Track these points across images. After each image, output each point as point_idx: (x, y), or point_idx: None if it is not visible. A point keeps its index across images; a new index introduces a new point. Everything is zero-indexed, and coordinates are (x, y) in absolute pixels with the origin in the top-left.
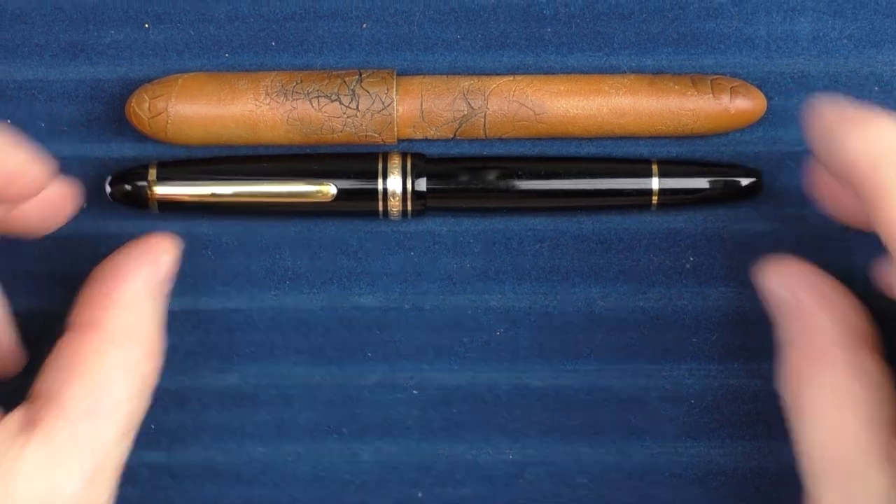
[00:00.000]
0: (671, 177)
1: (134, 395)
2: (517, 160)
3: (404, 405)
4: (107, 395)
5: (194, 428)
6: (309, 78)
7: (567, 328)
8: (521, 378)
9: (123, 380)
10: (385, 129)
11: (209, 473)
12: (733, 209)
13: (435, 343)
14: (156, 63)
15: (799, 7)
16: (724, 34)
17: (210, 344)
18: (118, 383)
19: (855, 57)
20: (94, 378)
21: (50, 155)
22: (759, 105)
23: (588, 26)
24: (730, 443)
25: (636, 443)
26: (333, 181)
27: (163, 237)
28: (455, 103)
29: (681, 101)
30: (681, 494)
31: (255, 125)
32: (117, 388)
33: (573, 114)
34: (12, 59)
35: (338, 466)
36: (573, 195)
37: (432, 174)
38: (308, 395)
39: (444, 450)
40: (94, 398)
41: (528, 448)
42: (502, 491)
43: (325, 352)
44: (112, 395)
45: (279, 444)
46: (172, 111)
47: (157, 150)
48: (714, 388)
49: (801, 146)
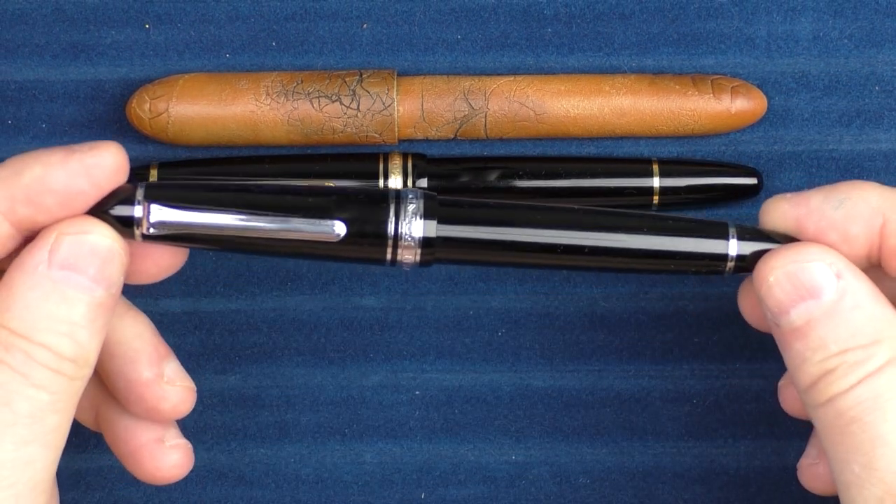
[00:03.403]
0: (672, 176)
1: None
2: (518, 160)
3: (406, 406)
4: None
5: (196, 429)
6: (309, 78)
7: (569, 329)
8: (523, 378)
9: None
10: (386, 130)
11: (212, 475)
12: (733, 209)
13: (437, 344)
14: (156, 63)
15: (799, 7)
16: (724, 34)
17: (211, 345)
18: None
19: (855, 57)
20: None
21: None
22: (760, 105)
23: (588, 26)
24: (732, 442)
25: (638, 443)
26: (334, 182)
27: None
28: (456, 103)
29: (681, 101)
30: (683, 494)
31: (255, 126)
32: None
33: (574, 114)
34: (13, 59)
35: (340, 467)
36: (574, 195)
37: (433, 174)
38: (310, 397)
39: (447, 450)
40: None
41: (530, 448)
42: (505, 491)
43: (326, 353)
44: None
45: (281, 446)
46: (173, 112)
47: (157, 151)
48: (716, 388)
49: (801, 146)
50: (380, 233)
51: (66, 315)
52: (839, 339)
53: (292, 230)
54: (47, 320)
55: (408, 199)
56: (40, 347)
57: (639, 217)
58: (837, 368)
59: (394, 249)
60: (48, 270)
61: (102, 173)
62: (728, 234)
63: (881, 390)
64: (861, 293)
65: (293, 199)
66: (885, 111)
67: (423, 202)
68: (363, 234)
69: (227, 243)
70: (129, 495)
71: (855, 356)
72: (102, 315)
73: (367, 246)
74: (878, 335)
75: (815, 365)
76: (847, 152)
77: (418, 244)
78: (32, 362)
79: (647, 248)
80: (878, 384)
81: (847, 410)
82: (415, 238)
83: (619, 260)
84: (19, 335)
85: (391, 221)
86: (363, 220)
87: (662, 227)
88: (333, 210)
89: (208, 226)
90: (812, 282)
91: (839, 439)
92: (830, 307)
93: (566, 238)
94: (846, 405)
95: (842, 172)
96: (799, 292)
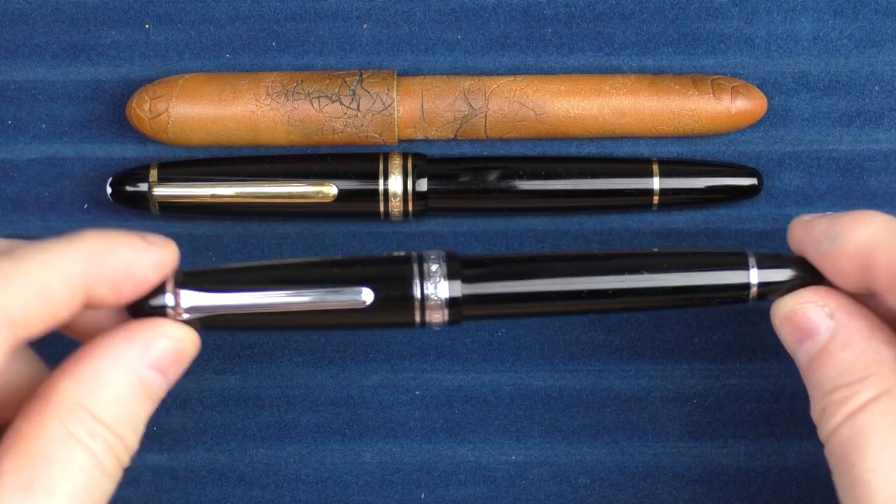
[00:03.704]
0: (672, 177)
1: (78, 475)
2: (518, 160)
3: (406, 406)
4: (47, 469)
5: (196, 429)
6: (309, 78)
7: (569, 328)
8: (523, 378)
9: (67, 456)
10: (386, 130)
11: (211, 475)
12: (733, 209)
13: (436, 344)
14: (156, 64)
15: (799, 7)
16: (724, 34)
17: (212, 345)
18: (60, 459)
19: (855, 57)
20: (32, 451)
21: (50, 155)
22: (760, 105)
23: (588, 26)
24: (732, 442)
25: (638, 443)
26: (334, 182)
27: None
28: (456, 103)
29: (681, 101)
30: (683, 494)
31: (255, 126)
32: (56, 465)
33: (574, 114)
34: (13, 59)
35: (340, 468)
36: (574, 195)
37: (433, 175)
38: (310, 397)
39: (447, 450)
40: (28, 473)
41: (530, 448)
42: (505, 491)
43: (326, 353)
44: (53, 471)
45: (281, 446)
46: (173, 112)
47: (157, 151)
48: (716, 388)
49: (801, 146)
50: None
51: (141, 413)
52: (829, 378)
53: (320, 302)
54: (128, 415)
55: (430, 259)
56: (118, 439)
57: (658, 256)
58: (827, 408)
59: (422, 311)
60: (141, 369)
61: (166, 268)
62: (748, 263)
63: (861, 428)
64: (851, 331)
65: (318, 271)
66: (885, 111)
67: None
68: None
69: (259, 322)
70: (129, 495)
71: (841, 394)
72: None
73: (395, 310)
74: (864, 372)
75: (816, 403)
76: (847, 152)
77: (445, 304)
78: (109, 452)
79: (671, 285)
80: (859, 422)
81: (836, 449)
82: (441, 299)
83: (643, 300)
84: (103, 423)
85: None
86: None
87: (682, 263)
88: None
89: (241, 306)
90: (807, 323)
91: (836, 478)
92: (823, 347)
93: (588, 284)
94: (835, 443)
95: (842, 172)
96: (798, 334)
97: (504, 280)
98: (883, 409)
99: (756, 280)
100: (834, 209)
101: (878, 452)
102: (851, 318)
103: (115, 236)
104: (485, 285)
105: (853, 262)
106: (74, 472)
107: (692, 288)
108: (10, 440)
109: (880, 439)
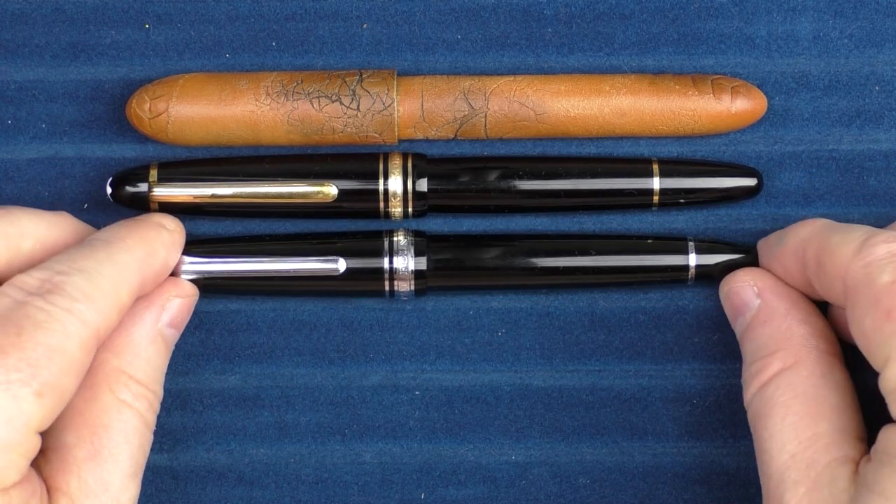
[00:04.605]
0: (672, 176)
1: (133, 436)
2: (518, 160)
3: (406, 406)
4: (108, 436)
5: (196, 430)
6: (309, 78)
7: (569, 328)
8: (523, 378)
9: (121, 420)
10: (386, 130)
11: (211, 475)
12: (733, 209)
13: (437, 344)
14: (156, 63)
15: (799, 7)
16: (724, 34)
17: (212, 345)
18: (117, 424)
19: (855, 57)
20: (91, 421)
21: (50, 155)
22: (760, 105)
23: (588, 26)
24: (732, 442)
25: (638, 443)
26: (334, 182)
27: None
28: (456, 103)
29: (681, 101)
30: (683, 494)
31: (255, 126)
32: (115, 430)
33: (574, 114)
34: (13, 59)
35: (340, 468)
36: (574, 195)
37: (433, 174)
38: (310, 397)
39: (447, 451)
40: (93, 443)
41: (530, 448)
42: (505, 491)
43: (326, 353)
44: (113, 437)
45: (281, 446)
46: (173, 112)
47: (157, 151)
48: (716, 388)
49: (801, 146)
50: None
51: (164, 366)
52: (750, 351)
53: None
54: (157, 372)
55: (399, 235)
56: (154, 395)
57: (611, 238)
58: (747, 380)
59: (391, 282)
60: (163, 328)
61: (182, 248)
62: (688, 249)
63: (766, 399)
64: (771, 309)
65: (300, 244)
66: (885, 111)
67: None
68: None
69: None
70: None
71: (756, 367)
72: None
73: (366, 280)
74: (775, 347)
75: (742, 375)
76: (847, 152)
77: (412, 276)
78: (151, 409)
79: (617, 265)
80: (766, 393)
81: (751, 418)
82: (408, 271)
83: (592, 277)
84: (143, 384)
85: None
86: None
87: (629, 246)
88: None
89: (234, 272)
90: (740, 301)
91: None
92: (750, 322)
93: (543, 262)
94: (750, 413)
95: (842, 172)
96: (734, 311)
97: (466, 254)
98: (785, 381)
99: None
100: (834, 209)
101: (778, 422)
102: (774, 296)
103: (152, 238)
104: (448, 260)
105: (793, 258)
106: (131, 433)
107: (637, 268)
108: (68, 415)
109: (780, 410)
